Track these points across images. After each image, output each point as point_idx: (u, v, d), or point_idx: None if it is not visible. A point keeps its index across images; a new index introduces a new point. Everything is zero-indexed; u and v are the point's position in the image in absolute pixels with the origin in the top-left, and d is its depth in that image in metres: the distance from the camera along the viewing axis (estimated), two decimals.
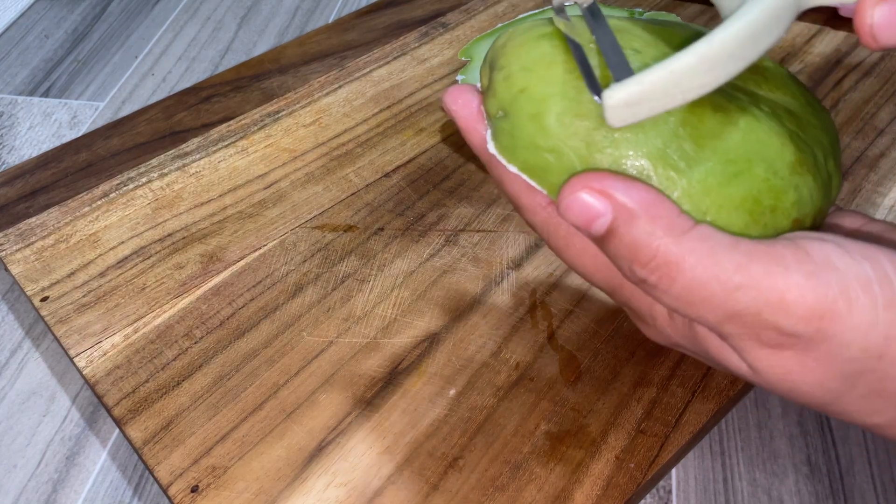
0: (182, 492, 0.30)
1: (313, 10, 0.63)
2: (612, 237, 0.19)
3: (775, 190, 0.20)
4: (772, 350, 0.19)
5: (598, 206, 0.19)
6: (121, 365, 0.34)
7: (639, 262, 0.19)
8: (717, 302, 0.19)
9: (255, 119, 0.46)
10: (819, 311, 0.18)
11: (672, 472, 0.33)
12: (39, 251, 0.39)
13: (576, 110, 0.20)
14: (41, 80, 0.58)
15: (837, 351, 0.19)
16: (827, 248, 0.19)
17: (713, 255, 0.18)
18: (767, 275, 0.18)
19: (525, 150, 0.21)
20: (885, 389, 0.19)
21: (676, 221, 0.19)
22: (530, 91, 0.21)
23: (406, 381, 0.33)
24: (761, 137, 0.20)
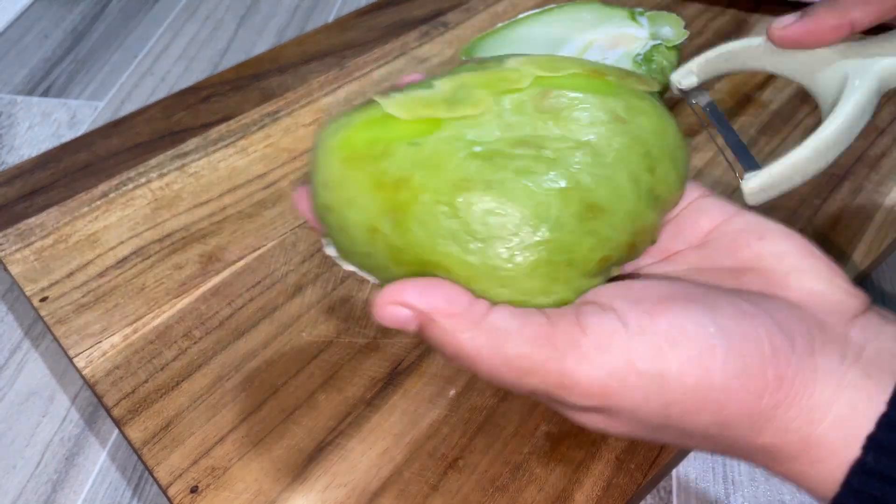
0: (181, 492, 0.30)
1: (313, 10, 0.63)
2: (423, 336, 0.22)
3: (565, 245, 0.21)
4: (580, 412, 0.22)
5: (402, 314, 0.21)
6: (120, 365, 0.34)
7: (447, 355, 0.21)
8: (515, 384, 0.21)
9: (254, 119, 0.46)
10: (594, 392, 0.20)
11: (672, 473, 0.33)
12: (39, 251, 0.39)
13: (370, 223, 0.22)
14: (40, 79, 0.58)
15: (629, 416, 0.21)
16: (605, 323, 0.20)
17: (501, 349, 0.20)
18: (546, 361, 0.20)
19: (348, 254, 0.23)
20: (689, 435, 0.21)
21: (469, 314, 0.21)
22: (332, 207, 0.23)
23: (406, 382, 0.33)
24: (540, 200, 0.21)
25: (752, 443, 0.21)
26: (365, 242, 0.22)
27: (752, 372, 0.20)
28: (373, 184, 0.22)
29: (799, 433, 0.20)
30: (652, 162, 0.23)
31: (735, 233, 0.24)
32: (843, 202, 0.39)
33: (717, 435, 0.21)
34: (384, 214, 0.22)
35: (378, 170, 0.22)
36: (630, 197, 0.22)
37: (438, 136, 0.22)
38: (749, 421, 0.20)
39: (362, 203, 0.22)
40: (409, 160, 0.21)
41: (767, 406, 0.20)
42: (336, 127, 0.23)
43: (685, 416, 0.20)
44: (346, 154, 0.22)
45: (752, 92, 0.46)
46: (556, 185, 0.21)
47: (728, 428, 0.21)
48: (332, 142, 0.23)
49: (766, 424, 0.20)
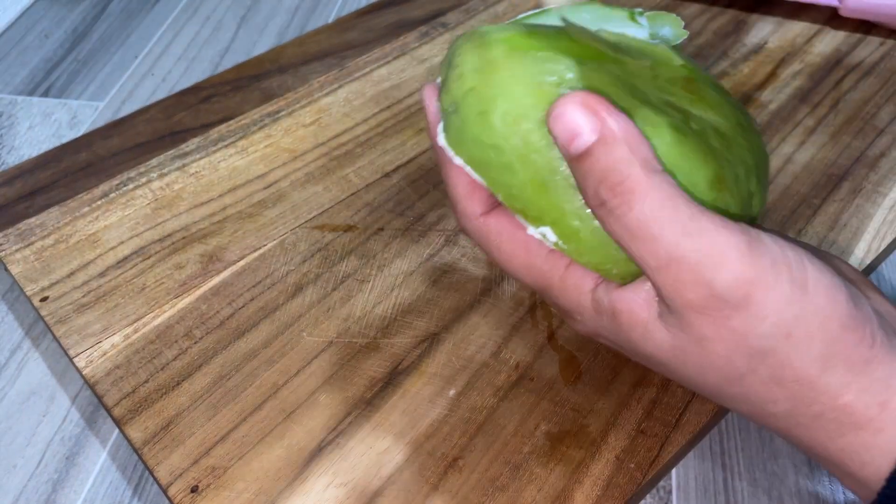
0: (182, 492, 0.30)
1: (313, 10, 0.63)
2: (588, 156, 0.20)
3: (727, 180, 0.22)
4: (694, 312, 0.21)
5: (586, 123, 0.20)
6: (120, 365, 0.34)
7: (607, 182, 0.20)
8: (664, 242, 0.20)
9: (254, 119, 0.46)
10: (750, 277, 0.20)
11: (672, 473, 0.33)
12: (39, 251, 0.39)
13: (518, 111, 0.22)
14: (41, 80, 0.58)
15: (753, 323, 0.20)
16: (760, 232, 0.21)
17: (673, 199, 0.20)
18: (715, 231, 0.20)
19: (470, 144, 0.23)
20: (783, 377, 0.21)
21: (651, 160, 0.20)
22: (479, 90, 0.22)
23: (406, 382, 0.33)
24: (684, 151, 0.21)
25: (835, 400, 0.21)
26: (502, 134, 0.22)
27: (861, 319, 0.21)
28: (533, 81, 0.22)
29: (877, 396, 0.21)
30: (759, 174, 0.24)
31: None
32: (843, 202, 0.39)
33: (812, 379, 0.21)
34: (536, 110, 0.21)
35: (542, 69, 0.22)
36: (742, 187, 0.23)
37: (602, 66, 0.22)
38: (847, 366, 0.21)
39: (517, 93, 0.22)
40: (572, 72, 0.22)
41: (864, 358, 0.21)
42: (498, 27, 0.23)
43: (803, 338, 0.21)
44: (512, 46, 0.22)
45: (752, 92, 0.46)
46: (699, 145, 0.22)
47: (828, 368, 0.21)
48: (493, 36, 0.23)
49: (855, 378, 0.21)
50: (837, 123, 0.44)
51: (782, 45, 0.49)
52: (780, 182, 0.41)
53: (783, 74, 0.47)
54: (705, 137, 0.22)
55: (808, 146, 0.43)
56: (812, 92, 0.46)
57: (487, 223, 0.24)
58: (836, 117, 0.44)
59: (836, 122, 0.44)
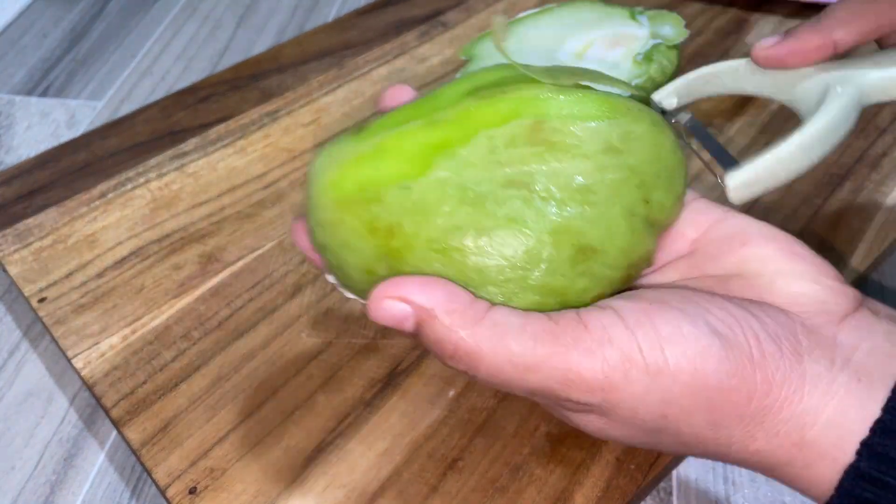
0: (180, 493, 0.29)
1: (312, 9, 0.63)
2: (419, 335, 0.21)
3: (558, 289, 0.21)
4: (578, 413, 0.22)
5: (400, 310, 0.21)
6: (119, 366, 0.34)
7: (445, 354, 0.21)
8: (516, 382, 0.21)
9: (253, 119, 0.46)
10: (598, 385, 0.20)
11: (673, 474, 0.33)
12: (37, 252, 0.39)
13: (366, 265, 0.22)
14: (39, 79, 0.58)
15: (628, 415, 0.21)
16: (605, 319, 0.21)
17: (503, 344, 0.20)
18: (550, 356, 0.20)
19: (346, 286, 0.24)
20: (684, 440, 0.21)
21: (470, 311, 0.21)
22: (329, 247, 0.23)
23: (405, 383, 0.33)
24: (531, 245, 0.21)
25: (746, 448, 0.21)
26: (362, 281, 0.23)
27: (744, 374, 0.20)
28: (366, 229, 0.22)
29: (790, 438, 0.21)
30: (647, 192, 0.22)
31: (720, 240, 0.24)
32: (844, 202, 0.39)
33: (712, 438, 0.21)
34: (379, 259, 0.22)
35: (370, 215, 0.22)
36: (624, 233, 0.22)
37: (428, 180, 0.21)
38: (741, 423, 0.21)
39: (357, 246, 0.22)
40: (400, 206, 0.21)
41: (757, 410, 0.21)
42: (328, 160, 0.23)
43: (681, 415, 0.21)
44: (339, 196, 0.22)
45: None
46: (548, 230, 0.21)
47: (721, 429, 0.21)
48: (325, 180, 0.23)
49: (757, 428, 0.21)
50: None
51: None
52: None
53: None
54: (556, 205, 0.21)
55: None
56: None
57: None
58: None
59: None
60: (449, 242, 0.21)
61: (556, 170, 0.21)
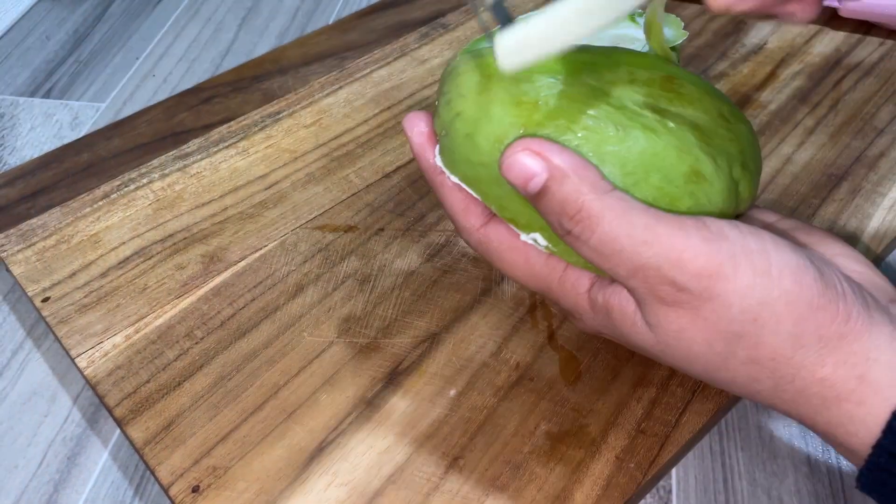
0: (183, 492, 0.30)
1: (314, 11, 0.63)
2: (544, 194, 0.22)
3: (669, 196, 0.23)
4: (668, 307, 0.22)
5: (535, 166, 0.22)
6: (122, 365, 0.34)
7: (566, 214, 0.22)
8: (626, 255, 0.22)
9: (255, 120, 0.46)
10: (709, 271, 0.21)
11: (672, 472, 0.33)
12: (41, 252, 0.39)
13: (499, 132, 0.23)
14: (42, 81, 0.58)
15: (722, 310, 0.22)
16: (721, 223, 0.22)
17: (627, 214, 0.22)
18: (670, 236, 0.21)
19: (462, 163, 0.25)
20: (760, 356, 0.22)
21: (600, 183, 0.22)
22: (464, 115, 0.24)
23: (406, 382, 0.33)
24: (657, 151, 0.23)
25: (813, 375, 0.22)
26: (488, 152, 0.24)
27: (831, 297, 0.22)
28: (511, 101, 0.23)
29: (855, 370, 0.22)
30: (745, 160, 0.25)
31: (786, 229, 0.27)
32: (842, 202, 0.40)
33: (787, 356, 0.22)
34: (517, 127, 0.23)
35: (520, 90, 0.23)
36: (724, 178, 0.24)
37: (578, 80, 0.24)
38: (819, 343, 0.22)
39: (497, 115, 0.23)
40: (548, 89, 0.23)
41: (836, 334, 0.22)
42: (477, 52, 0.25)
43: (770, 321, 0.22)
44: (491, 72, 0.24)
45: (752, 92, 0.46)
46: (674, 143, 0.23)
47: (800, 347, 0.22)
48: (475, 62, 0.24)
49: (830, 353, 0.22)
50: (837, 124, 0.44)
51: (782, 46, 0.49)
52: (779, 182, 0.41)
53: (783, 75, 0.47)
54: (681, 134, 0.24)
55: (808, 146, 0.43)
56: (811, 92, 0.46)
57: (487, 234, 0.26)
58: (836, 117, 0.44)
59: (836, 122, 0.44)
60: (589, 124, 0.23)
61: (684, 111, 0.24)
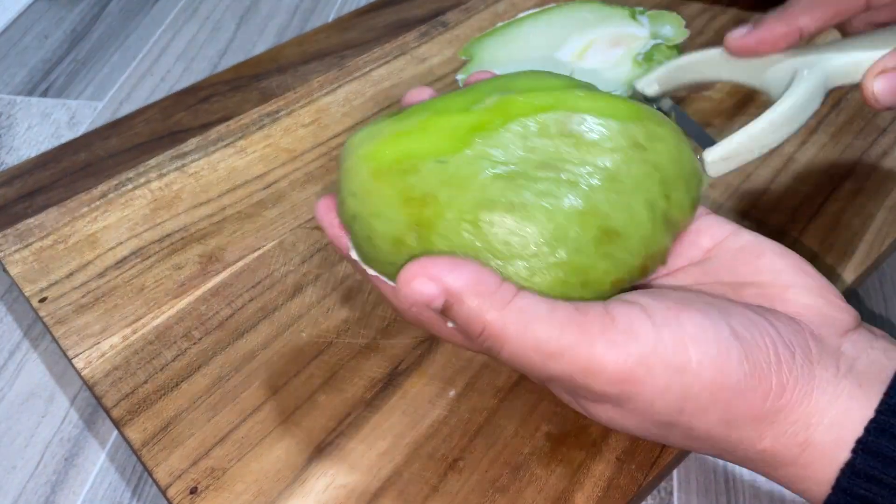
0: (181, 493, 0.30)
1: (312, 10, 0.63)
2: (448, 314, 0.22)
3: (582, 268, 0.22)
4: (594, 403, 0.23)
5: (431, 290, 0.21)
6: (119, 366, 0.34)
7: (472, 333, 0.22)
8: (538, 367, 0.21)
9: (254, 119, 0.46)
10: (620, 377, 0.21)
11: (673, 473, 0.33)
12: (38, 252, 0.39)
13: (395, 235, 0.23)
14: (40, 80, 0.58)
15: (645, 407, 0.22)
16: (632, 314, 0.21)
17: (529, 329, 0.21)
18: (575, 345, 0.21)
19: (372, 261, 0.24)
20: (694, 435, 0.22)
21: (499, 294, 0.21)
22: (359, 217, 0.24)
23: (406, 382, 0.33)
24: (558, 224, 0.22)
25: (753, 447, 0.22)
26: (390, 253, 0.23)
27: (761, 376, 0.21)
28: (400, 198, 0.22)
29: (796, 438, 0.21)
30: (667, 189, 0.23)
31: (735, 251, 0.25)
32: (844, 201, 0.39)
33: (722, 436, 0.22)
34: (410, 228, 0.22)
35: (406, 185, 0.22)
36: (645, 223, 0.23)
37: (464, 156, 0.22)
38: (753, 423, 0.21)
39: (389, 216, 0.23)
40: (435, 177, 0.22)
41: (770, 410, 0.21)
42: (366, 136, 0.24)
43: (697, 412, 0.21)
44: (375, 166, 0.23)
45: (753, 92, 0.46)
46: (576, 210, 0.22)
47: (733, 428, 0.22)
48: (362, 152, 0.24)
49: (767, 428, 0.22)
50: (839, 123, 0.44)
51: None
52: (781, 181, 0.41)
53: None
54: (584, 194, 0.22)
55: (810, 146, 0.42)
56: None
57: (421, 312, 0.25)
58: (838, 117, 0.44)
59: (838, 121, 0.44)
60: (480, 215, 0.22)
61: (586, 158, 0.23)
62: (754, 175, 0.41)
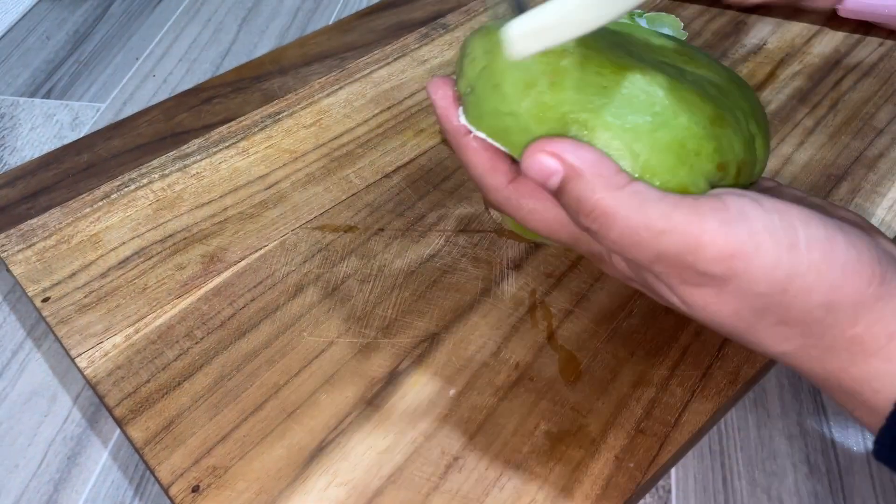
0: (183, 492, 0.30)
1: (314, 12, 0.64)
2: (563, 191, 0.23)
3: (697, 137, 0.24)
4: (693, 287, 0.23)
5: (552, 165, 0.22)
6: (122, 365, 0.34)
7: (583, 212, 0.23)
8: (646, 246, 0.22)
9: (255, 120, 0.46)
10: (728, 252, 0.21)
11: (671, 472, 0.33)
12: (41, 252, 0.39)
13: (527, 79, 0.24)
14: (43, 81, 0.58)
15: (747, 287, 0.22)
16: (743, 201, 0.22)
17: (642, 208, 0.22)
18: (686, 223, 0.22)
19: (489, 116, 0.25)
20: (790, 318, 0.23)
21: (614, 178, 0.22)
22: (491, 67, 0.24)
23: (406, 381, 0.33)
24: (683, 95, 0.24)
25: (844, 333, 0.23)
26: (515, 100, 0.24)
27: (866, 261, 0.22)
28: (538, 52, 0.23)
29: (887, 328, 0.22)
30: (757, 119, 0.26)
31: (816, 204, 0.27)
32: (841, 202, 0.40)
33: (818, 319, 0.22)
34: (544, 74, 0.24)
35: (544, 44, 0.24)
36: (743, 128, 0.25)
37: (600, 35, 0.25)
38: (853, 307, 0.22)
39: (526, 63, 0.24)
40: (575, 42, 0.24)
41: (871, 296, 0.22)
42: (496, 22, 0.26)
43: (801, 291, 0.22)
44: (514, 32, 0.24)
45: None
46: (694, 92, 0.24)
47: (832, 311, 0.22)
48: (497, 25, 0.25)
49: (863, 314, 0.22)
50: (836, 124, 0.44)
51: (781, 46, 0.49)
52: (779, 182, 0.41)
53: (782, 75, 0.47)
54: (701, 86, 0.25)
55: (807, 146, 0.43)
56: (811, 92, 0.46)
57: (516, 189, 0.26)
58: (835, 118, 0.44)
59: (835, 122, 0.44)
60: (613, 69, 0.24)
61: (697, 72, 0.26)
62: None
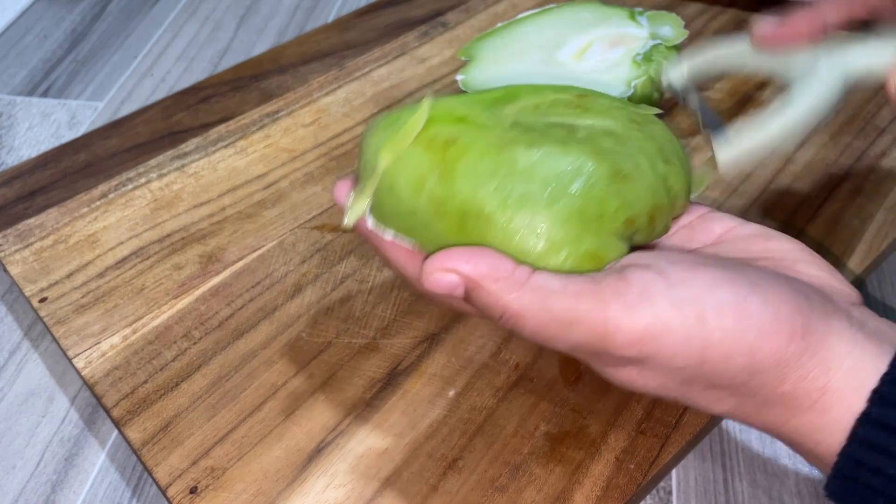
0: (181, 493, 0.30)
1: (313, 10, 0.63)
2: (469, 300, 0.23)
3: (597, 200, 0.23)
4: (615, 367, 0.23)
5: (452, 279, 0.23)
6: (119, 366, 0.34)
7: (494, 316, 0.23)
8: (560, 338, 0.22)
9: (254, 119, 0.46)
10: (637, 338, 0.21)
11: (672, 473, 0.33)
12: (38, 252, 0.39)
13: (417, 177, 0.24)
14: (40, 80, 0.58)
15: (665, 363, 0.22)
16: (646, 276, 0.22)
17: (545, 304, 0.22)
18: (590, 311, 0.22)
19: (392, 217, 0.25)
20: (717, 383, 0.23)
21: (514, 277, 0.22)
22: (383, 169, 0.25)
23: (405, 382, 0.33)
24: (573, 159, 0.24)
25: (774, 391, 0.22)
26: (411, 198, 0.24)
27: (784, 317, 0.22)
28: (424, 146, 0.24)
29: (816, 382, 0.22)
30: (665, 156, 0.25)
31: (745, 235, 0.26)
32: (844, 202, 0.39)
33: (744, 383, 0.22)
34: (432, 170, 0.24)
35: (429, 134, 0.24)
36: (649, 175, 0.25)
37: (483, 114, 0.25)
38: (777, 367, 0.22)
39: (413, 162, 0.24)
40: (458, 128, 0.24)
41: (794, 353, 0.22)
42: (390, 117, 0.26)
43: (719, 360, 0.22)
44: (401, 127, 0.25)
45: (752, 92, 0.46)
46: (589, 150, 0.24)
47: (756, 374, 0.22)
48: (387, 121, 0.25)
49: (789, 372, 0.22)
50: (838, 123, 0.44)
51: None
52: (780, 182, 0.41)
53: None
54: (595, 142, 0.24)
55: (809, 146, 0.43)
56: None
57: None
58: (837, 117, 0.44)
59: (837, 121, 0.44)
60: (501, 151, 0.24)
61: (593, 121, 0.25)
62: (753, 175, 0.41)
